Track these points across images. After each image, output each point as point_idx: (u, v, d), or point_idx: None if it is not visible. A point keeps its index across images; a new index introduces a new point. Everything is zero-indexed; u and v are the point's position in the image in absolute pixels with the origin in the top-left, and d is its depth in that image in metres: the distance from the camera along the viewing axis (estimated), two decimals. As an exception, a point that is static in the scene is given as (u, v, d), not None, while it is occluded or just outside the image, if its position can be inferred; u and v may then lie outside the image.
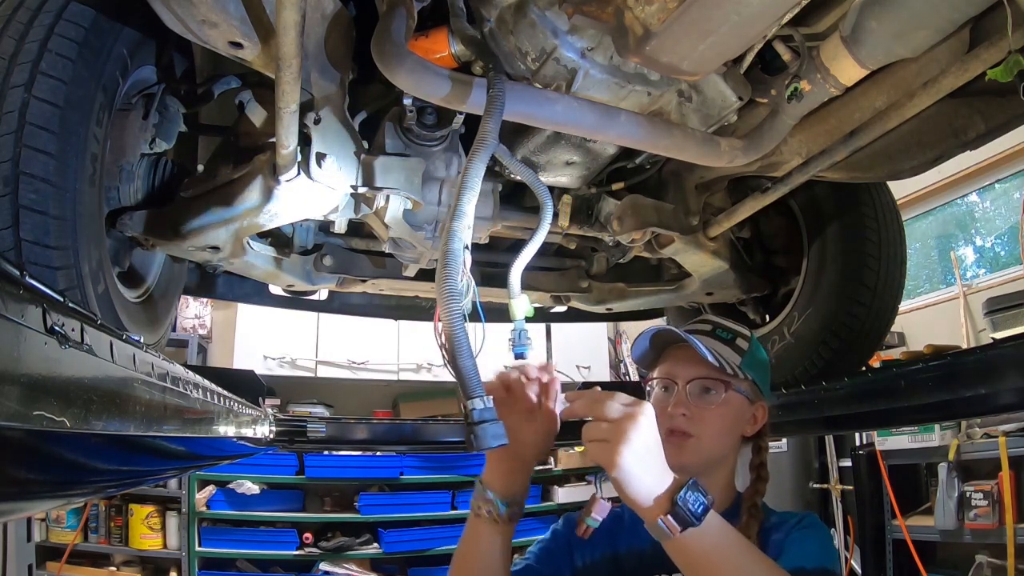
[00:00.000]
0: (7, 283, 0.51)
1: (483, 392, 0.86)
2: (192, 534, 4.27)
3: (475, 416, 0.85)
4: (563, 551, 1.25)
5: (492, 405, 0.86)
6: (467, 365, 0.85)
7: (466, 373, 0.85)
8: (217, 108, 1.58)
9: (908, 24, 1.05)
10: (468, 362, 0.85)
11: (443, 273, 0.87)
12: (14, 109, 1.02)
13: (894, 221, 1.90)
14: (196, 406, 1.08)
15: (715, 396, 1.17)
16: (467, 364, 0.85)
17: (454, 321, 0.85)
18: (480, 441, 0.84)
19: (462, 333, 0.85)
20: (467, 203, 0.91)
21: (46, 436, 0.64)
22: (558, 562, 1.24)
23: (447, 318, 0.85)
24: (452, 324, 0.85)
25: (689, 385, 1.17)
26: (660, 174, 1.80)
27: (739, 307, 2.17)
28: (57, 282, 1.02)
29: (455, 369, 0.86)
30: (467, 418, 0.86)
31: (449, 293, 0.86)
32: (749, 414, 1.21)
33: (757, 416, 1.23)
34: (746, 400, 1.20)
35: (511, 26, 1.17)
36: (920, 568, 3.39)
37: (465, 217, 0.90)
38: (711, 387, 1.17)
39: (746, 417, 1.21)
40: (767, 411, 1.24)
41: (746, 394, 1.20)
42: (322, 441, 2.20)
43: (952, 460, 3.26)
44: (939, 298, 4.40)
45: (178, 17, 1.11)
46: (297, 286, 1.84)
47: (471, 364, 0.85)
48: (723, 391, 1.17)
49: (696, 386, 1.17)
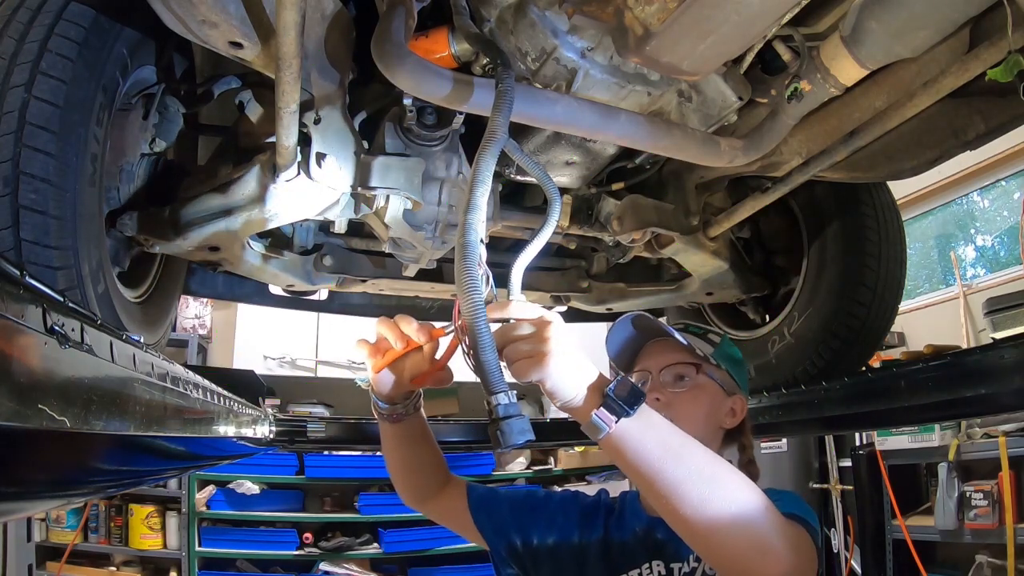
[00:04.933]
0: (7, 283, 0.51)
1: (507, 387, 0.82)
2: (192, 534, 4.26)
3: (500, 412, 0.81)
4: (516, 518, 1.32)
5: (516, 400, 0.83)
6: (490, 359, 0.82)
7: (489, 368, 0.82)
8: (217, 108, 1.58)
9: (908, 24, 1.05)
10: (491, 356, 0.82)
11: (462, 265, 0.84)
12: (14, 109, 1.02)
13: (894, 221, 1.90)
14: (196, 406, 1.08)
15: (688, 381, 1.23)
16: (490, 358, 0.82)
17: (476, 313, 0.81)
18: (506, 438, 0.80)
19: (484, 326, 0.82)
20: (480, 196, 0.88)
21: (46, 436, 0.63)
22: (505, 517, 1.32)
23: (468, 310, 0.82)
24: (474, 316, 0.81)
25: (663, 372, 1.23)
26: (660, 174, 1.80)
27: (739, 307, 2.17)
28: (57, 282, 1.02)
29: (477, 363, 0.82)
30: (491, 414, 0.82)
31: (469, 284, 0.82)
32: (726, 406, 1.25)
33: (736, 409, 1.25)
34: (720, 388, 1.24)
35: (511, 26, 1.17)
36: (920, 568, 3.39)
37: (479, 210, 0.88)
38: (684, 373, 1.23)
39: (723, 408, 1.24)
40: (745, 405, 1.27)
41: (720, 382, 1.24)
42: (322, 441, 2.20)
43: (952, 460, 3.27)
44: (939, 298, 4.40)
45: (178, 17, 1.11)
46: (297, 286, 1.84)
47: (494, 358, 0.82)
48: (695, 374, 1.23)
49: (669, 373, 1.23)
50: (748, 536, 0.86)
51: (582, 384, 0.86)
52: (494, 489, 1.40)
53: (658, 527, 1.19)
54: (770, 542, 0.87)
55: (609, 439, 0.85)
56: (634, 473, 0.87)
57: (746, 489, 0.88)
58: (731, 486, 0.88)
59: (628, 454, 0.86)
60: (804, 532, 0.95)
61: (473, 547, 5.47)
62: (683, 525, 0.87)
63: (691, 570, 1.14)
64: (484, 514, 1.33)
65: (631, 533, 1.24)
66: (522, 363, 0.85)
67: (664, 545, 1.18)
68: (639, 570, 1.19)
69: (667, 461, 0.85)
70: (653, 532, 1.20)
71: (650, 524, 1.21)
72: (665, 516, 0.89)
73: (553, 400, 0.87)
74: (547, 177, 1.00)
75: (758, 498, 0.88)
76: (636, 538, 1.23)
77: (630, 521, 1.26)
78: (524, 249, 0.93)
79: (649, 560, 1.19)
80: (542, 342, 0.84)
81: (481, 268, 0.85)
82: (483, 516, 1.33)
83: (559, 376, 0.85)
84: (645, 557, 1.19)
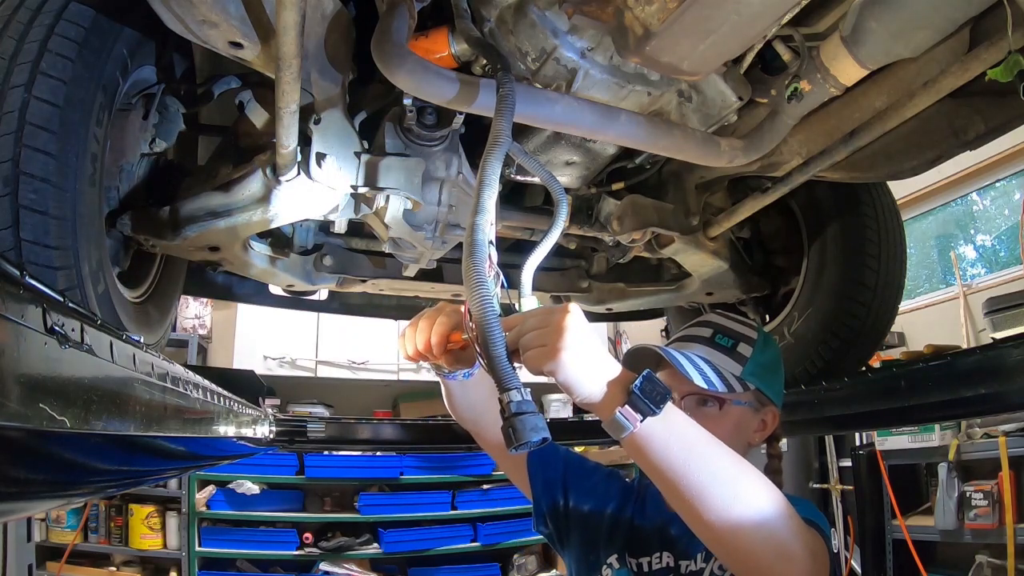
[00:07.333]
0: (7, 283, 0.51)
1: (519, 383, 0.80)
2: (192, 534, 4.26)
3: (513, 408, 0.79)
4: (567, 478, 1.32)
5: (529, 397, 0.80)
6: (501, 355, 0.79)
7: (500, 364, 0.79)
8: (217, 108, 1.58)
9: (908, 24, 1.05)
10: (502, 352, 0.80)
11: (469, 262, 0.82)
12: (14, 109, 1.02)
13: (894, 221, 1.90)
14: (196, 406, 1.08)
15: (712, 408, 1.14)
16: (501, 354, 0.79)
17: (486, 309, 0.80)
18: (520, 435, 0.78)
19: (495, 322, 0.80)
20: (488, 199, 0.87)
21: (46, 436, 0.64)
22: (557, 475, 1.32)
23: (478, 306, 0.80)
24: (484, 312, 0.80)
25: (684, 400, 1.15)
26: (660, 174, 1.80)
27: (739, 307, 2.17)
28: (57, 282, 1.02)
29: (488, 360, 0.80)
30: (504, 412, 0.79)
31: (478, 280, 0.80)
32: (755, 421, 1.19)
33: (766, 421, 1.20)
34: (749, 410, 1.17)
35: (511, 26, 1.17)
36: (920, 568, 3.39)
37: (487, 212, 0.86)
38: (707, 399, 1.14)
39: (751, 426, 1.18)
40: (777, 415, 1.21)
41: (748, 404, 1.17)
42: (322, 441, 2.20)
43: (952, 460, 3.27)
44: (939, 298, 4.40)
45: (178, 17, 1.11)
46: (297, 286, 1.84)
47: (505, 354, 0.80)
48: (719, 406, 1.14)
49: (692, 400, 1.15)
50: (771, 542, 0.85)
51: (601, 379, 0.84)
52: (555, 444, 1.32)
53: (672, 523, 1.19)
54: (792, 548, 0.86)
55: (633, 438, 0.83)
56: (656, 474, 0.85)
57: (770, 494, 0.86)
58: (755, 491, 0.86)
59: (652, 455, 0.84)
60: (820, 539, 0.95)
61: (473, 547, 5.46)
62: (705, 528, 0.85)
63: (699, 569, 1.14)
64: (539, 466, 1.32)
65: (650, 522, 1.24)
66: (533, 354, 0.82)
67: (676, 541, 1.18)
68: (650, 558, 1.19)
69: (692, 463, 0.83)
70: (668, 527, 1.20)
71: (667, 519, 1.20)
72: (686, 517, 0.87)
73: (571, 395, 0.84)
74: (553, 178, 1.00)
75: (781, 503, 0.87)
76: (654, 527, 1.22)
77: (651, 511, 1.25)
78: (533, 251, 0.92)
79: (660, 551, 1.19)
80: (556, 333, 0.81)
81: (492, 268, 0.84)
82: (537, 467, 1.32)
83: (574, 369, 0.82)
84: (658, 548, 1.19)
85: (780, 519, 0.85)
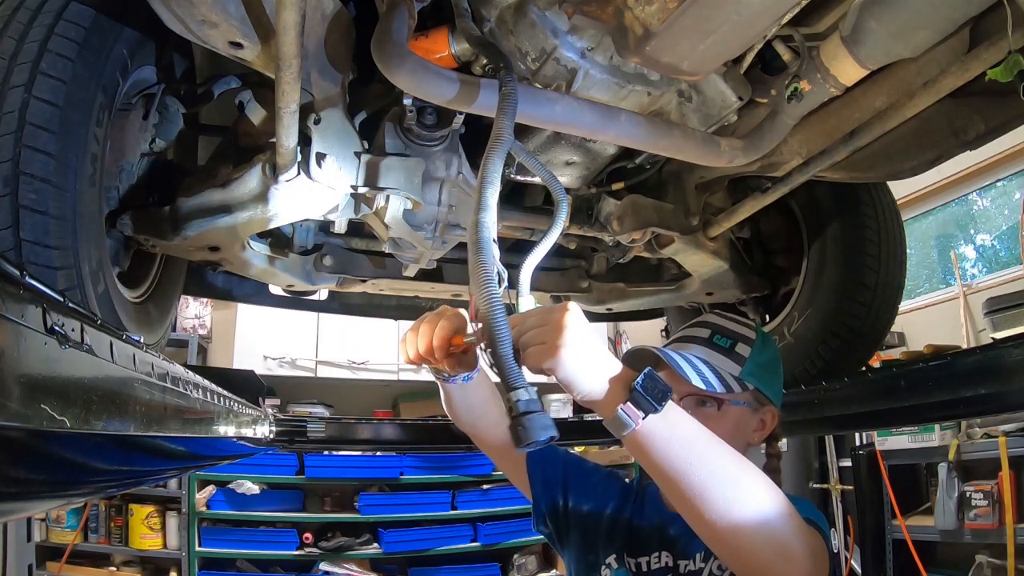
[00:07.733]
0: (7, 283, 0.51)
1: (526, 382, 0.79)
2: (192, 534, 4.26)
3: (520, 407, 0.78)
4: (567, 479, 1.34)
5: (536, 396, 0.80)
6: (507, 354, 0.79)
7: (507, 363, 0.79)
8: (217, 108, 1.58)
9: (908, 24, 1.05)
10: (509, 350, 0.79)
11: (476, 260, 0.82)
12: (14, 109, 1.02)
13: (894, 221, 1.90)
14: (196, 406, 1.08)
15: (710, 409, 1.14)
16: (507, 352, 0.79)
17: (492, 306, 0.79)
18: (528, 434, 0.77)
19: (502, 319, 0.79)
20: (490, 197, 0.87)
21: (46, 436, 0.63)
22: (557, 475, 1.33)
23: (485, 303, 0.79)
24: (491, 309, 0.79)
25: (683, 401, 1.14)
26: (660, 174, 1.80)
27: (739, 307, 2.17)
28: (57, 282, 1.02)
29: (495, 358, 0.80)
30: (511, 411, 0.79)
31: (485, 277, 0.80)
32: (754, 421, 1.18)
33: (765, 421, 1.19)
34: (747, 409, 1.17)
35: (511, 26, 1.17)
36: (920, 568, 3.39)
37: (490, 210, 0.86)
38: (706, 400, 1.14)
39: (750, 425, 1.18)
40: (776, 415, 1.21)
41: (747, 404, 1.16)
42: (322, 441, 2.20)
43: (952, 460, 3.27)
44: (939, 298, 4.40)
45: (178, 17, 1.11)
46: (297, 286, 1.84)
47: (512, 353, 0.79)
48: (718, 407, 1.14)
49: (690, 401, 1.14)
50: (772, 541, 0.85)
51: (602, 376, 0.84)
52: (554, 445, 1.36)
53: (672, 523, 1.19)
54: (793, 548, 0.86)
55: (635, 436, 0.83)
56: (658, 472, 0.85)
57: (771, 493, 0.86)
58: (757, 489, 0.86)
59: (653, 452, 0.84)
60: (820, 538, 0.95)
61: (473, 547, 5.45)
62: (706, 527, 0.85)
63: (698, 569, 1.14)
64: (539, 466, 1.33)
65: (649, 522, 1.24)
66: (533, 351, 0.82)
67: (675, 541, 1.18)
68: (648, 558, 1.19)
69: (693, 461, 0.83)
70: (667, 527, 1.20)
71: (666, 519, 1.20)
72: (687, 515, 0.87)
73: (572, 392, 0.84)
74: (554, 178, 1.00)
75: (782, 503, 0.87)
76: (653, 527, 1.23)
77: (650, 511, 1.25)
78: (532, 250, 0.92)
79: (659, 551, 1.19)
80: (555, 330, 0.81)
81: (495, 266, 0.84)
82: (537, 467, 1.33)
83: (574, 366, 0.82)
84: (656, 547, 1.20)
85: (781, 518, 0.86)
